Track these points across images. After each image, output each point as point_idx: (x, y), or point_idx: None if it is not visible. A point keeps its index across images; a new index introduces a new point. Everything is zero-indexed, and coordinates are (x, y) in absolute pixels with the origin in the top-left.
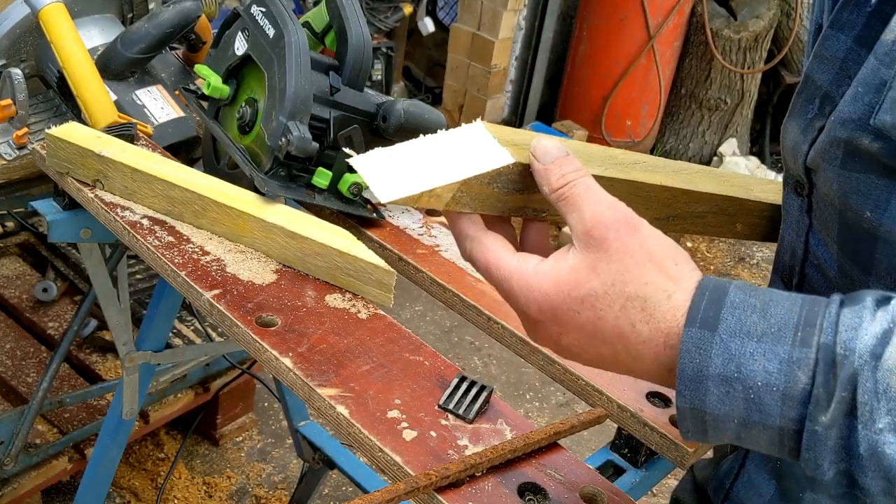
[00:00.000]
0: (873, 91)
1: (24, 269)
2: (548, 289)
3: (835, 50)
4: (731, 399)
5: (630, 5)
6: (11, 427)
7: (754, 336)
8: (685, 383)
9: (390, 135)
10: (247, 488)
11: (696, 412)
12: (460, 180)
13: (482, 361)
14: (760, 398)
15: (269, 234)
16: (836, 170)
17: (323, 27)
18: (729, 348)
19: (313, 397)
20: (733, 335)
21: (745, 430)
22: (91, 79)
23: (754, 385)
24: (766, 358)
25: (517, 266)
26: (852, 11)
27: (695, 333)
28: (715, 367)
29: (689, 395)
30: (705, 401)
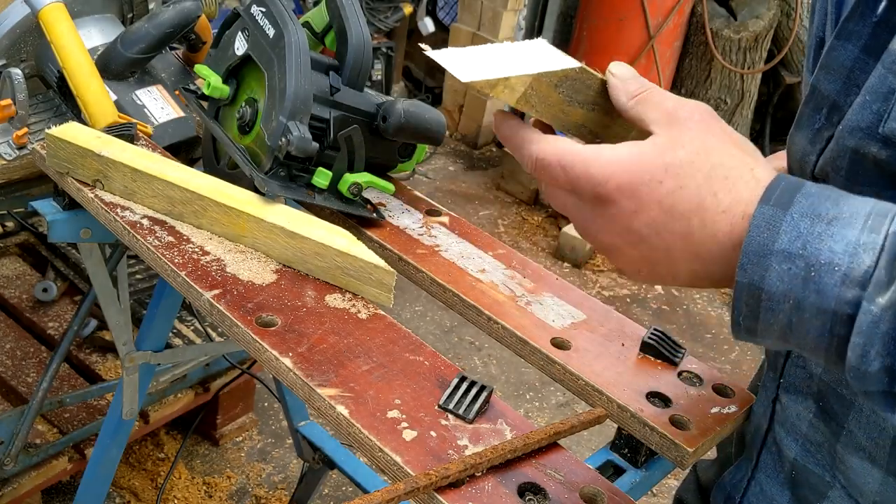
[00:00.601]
0: (881, 99)
1: (24, 269)
2: (629, 161)
3: (842, 60)
4: (790, 276)
5: (630, 5)
6: (11, 427)
7: (825, 219)
8: (749, 256)
9: (390, 135)
10: (247, 488)
11: (754, 289)
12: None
13: (482, 361)
14: (820, 277)
15: (269, 234)
16: (843, 180)
17: (323, 27)
18: (798, 227)
19: (313, 397)
20: (804, 216)
21: (796, 314)
22: (91, 79)
23: (816, 263)
24: (833, 239)
25: (593, 149)
26: (858, 22)
27: (767, 210)
28: (781, 243)
29: (750, 270)
30: (765, 277)
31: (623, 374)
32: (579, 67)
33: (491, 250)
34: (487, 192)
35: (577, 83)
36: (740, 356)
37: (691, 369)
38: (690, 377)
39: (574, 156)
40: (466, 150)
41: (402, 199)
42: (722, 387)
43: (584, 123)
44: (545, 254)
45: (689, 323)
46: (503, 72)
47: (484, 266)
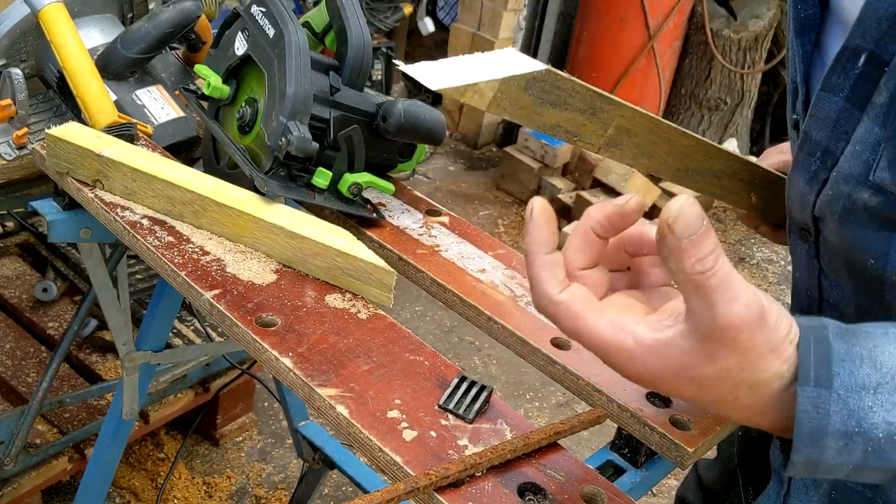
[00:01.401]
0: (870, 150)
1: (24, 269)
2: (653, 366)
3: (828, 110)
4: (848, 451)
5: (630, 5)
6: (11, 427)
7: (870, 388)
8: (802, 440)
9: (390, 135)
10: (247, 488)
11: (811, 463)
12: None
13: (482, 361)
14: (881, 447)
15: (269, 234)
16: (839, 221)
17: (323, 27)
18: (848, 404)
19: (313, 397)
20: (850, 391)
21: (857, 472)
22: (91, 79)
23: (875, 437)
24: (884, 409)
25: (612, 337)
26: (840, 76)
27: (811, 392)
28: (835, 425)
29: (805, 451)
30: (823, 455)
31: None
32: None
33: (491, 250)
34: (487, 192)
35: (545, 85)
36: None
37: None
38: None
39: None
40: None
41: (402, 199)
42: None
43: (558, 124)
44: None
45: None
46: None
47: (484, 266)
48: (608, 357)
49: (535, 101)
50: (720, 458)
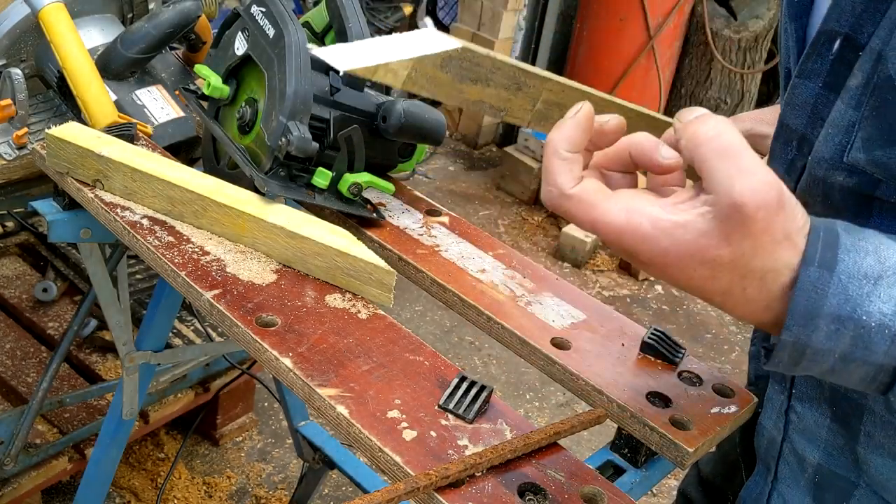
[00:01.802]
0: (843, 132)
1: (24, 269)
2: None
3: (805, 96)
4: (838, 336)
5: (630, 5)
6: (11, 427)
7: (871, 278)
8: (795, 319)
9: (390, 135)
10: (247, 488)
11: (799, 346)
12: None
13: (482, 361)
14: (870, 337)
15: (269, 234)
16: (821, 206)
17: (323, 27)
18: (847, 289)
19: (313, 397)
20: (851, 277)
21: (842, 363)
22: (91, 79)
23: (867, 325)
24: (881, 300)
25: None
26: (816, 61)
27: (813, 273)
28: (829, 307)
29: (796, 331)
30: (812, 337)
31: (623, 375)
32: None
33: (491, 250)
34: (487, 192)
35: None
36: (740, 356)
37: (691, 369)
38: (690, 377)
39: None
40: (466, 150)
41: (402, 199)
42: (722, 387)
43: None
44: (545, 254)
45: (689, 323)
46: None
47: (484, 266)
48: (622, 242)
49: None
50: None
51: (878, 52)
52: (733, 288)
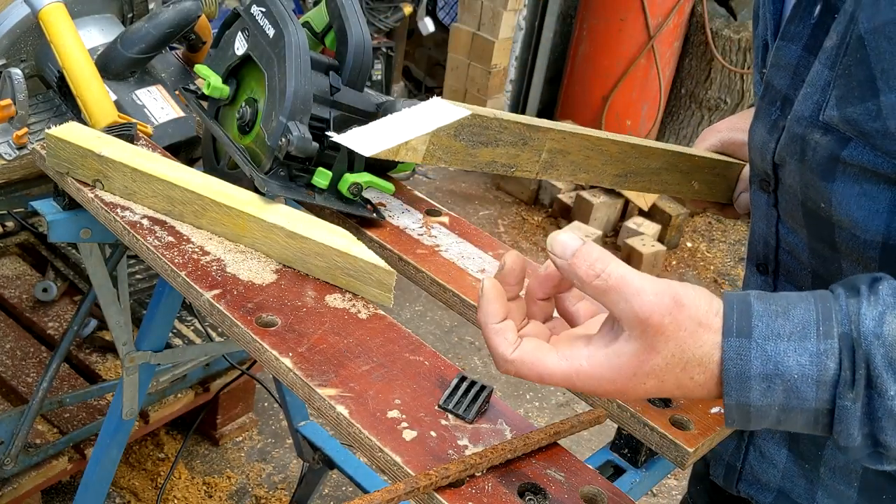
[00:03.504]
0: (819, 91)
1: (24, 269)
2: (613, 377)
3: (788, 58)
4: (771, 392)
5: (630, 5)
6: (11, 427)
7: (784, 336)
8: (731, 384)
9: None
10: (247, 488)
11: (742, 407)
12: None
13: (482, 361)
14: (798, 388)
15: (269, 234)
16: (797, 164)
17: (323, 27)
18: (765, 350)
19: (313, 397)
20: (767, 339)
21: (784, 414)
22: (91, 79)
23: (791, 378)
24: (797, 353)
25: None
26: (798, 24)
27: (734, 342)
28: (756, 368)
29: (734, 395)
30: (749, 397)
31: None
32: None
33: (491, 250)
34: (487, 192)
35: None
36: None
37: None
38: None
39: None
40: None
41: (402, 199)
42: None
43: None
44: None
45: None
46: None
47: (484, 266)
48: (574, 385)
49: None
50: None
51: (850, 14)
52: (683, 381)
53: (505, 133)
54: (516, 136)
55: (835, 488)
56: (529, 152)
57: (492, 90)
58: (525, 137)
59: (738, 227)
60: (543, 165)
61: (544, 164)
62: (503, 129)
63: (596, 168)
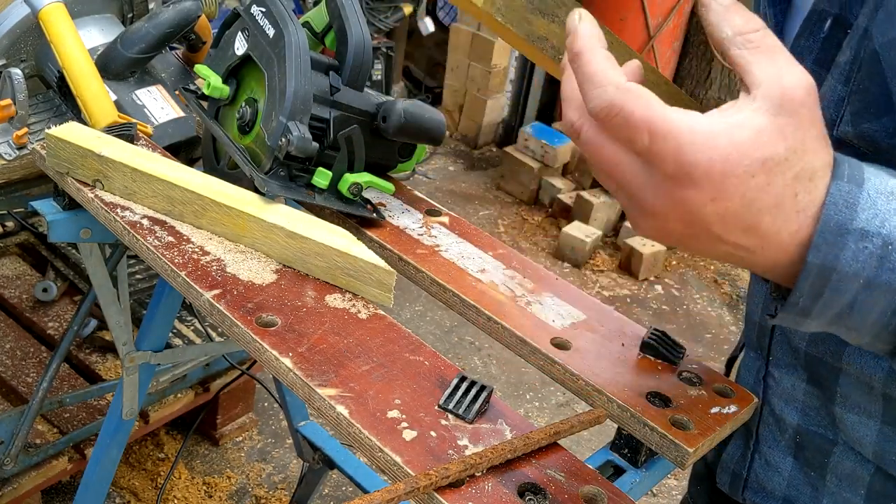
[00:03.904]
0: (833, 106)
1: (24, 269)
2: (727, 147)
3: None
4: (866, 255)
5: (630, 5)
6: (11, 427)
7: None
8: (825, 236)
9: (390, 135)
10: (247, 488)
11: (825, 270)
12: None
13: (482, 361)
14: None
15: (269, 234)
16: None
17: (323, 27)
18: (876, 203)
19: (313, 397)
20: (879, 193)
21: (865, 292)
22: (91, 79)
23: (893, 241)
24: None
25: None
26: (808, 39)
27: (843, 187)
28: (859, 221)
29: (825, 249)
30: (839, 256)
31: (623, 374)
32: None
33: (491, 250)
34: (487, 192)
35: None
36: None
37: (691, 369)
38: (690, 377)
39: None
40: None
41: (402, 199)
42: (722, 387)
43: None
44: (545, 254)
45: (689, 323)
46: None
47: (484, 266)
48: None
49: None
50: None
51: (864, 29)
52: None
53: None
54: None
55: (841, 496)
56: None
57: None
58: None
59: None
60: None
61: None
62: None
63: None
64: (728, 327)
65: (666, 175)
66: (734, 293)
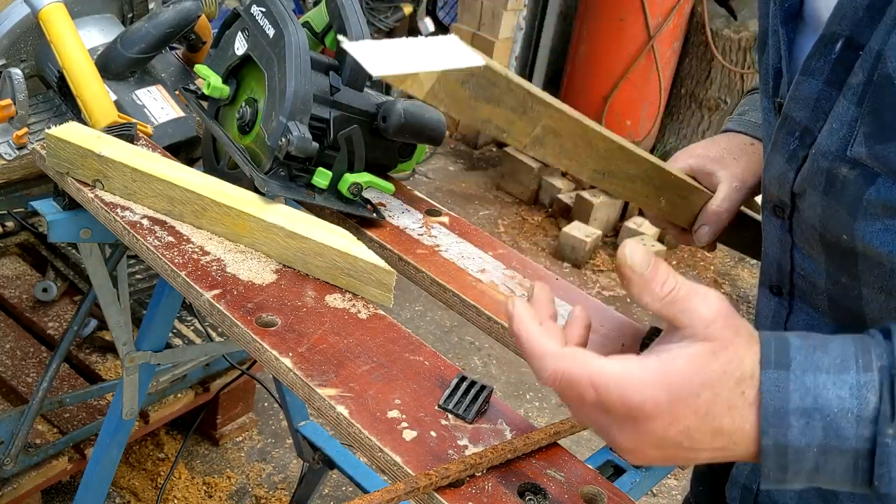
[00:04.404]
0: (847, 127)
1: (24, 269)
2: (666, 381)
3: (808, 92)
4: (810, 429)
5: (630, 5)
6: (11, 427)
7: (823, 369)
8: (769, 420)
9: (390, 135)
10: (247, 488)
11: (779, 447)
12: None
13: (482, 361)
14: (837, 423)
15: (269, 234)
16: (819, 196)
17: (323, 27)
18: (804, 382)
19: (313, 397)
20: (805, 370)
21: (822, 457)
22: (91, 79)
23: (831, 412)
24: (837, 386)
25: (623, 367)
26: (819, 60)
27: (772, 374)
28: (794, 402)
29: (772, 432)
30: (787, 435)
31: None
32: (484, 65)
33: (491, 250)
34: (487, 192)
35: (482, 80)
36: None
37: None
38: None
39: (605, 376)
40: (466, 150)
41: (402, 199)
42: None
43: (490, 119)
44: (545, 254)
45: None
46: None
47: (484, 266)
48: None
49: (471, 96)
50: None
51: (877, 52)
52: (735, 398)
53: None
54: (518, 102)
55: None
56: (525, 123)
57: None
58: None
59: None
60: (533, 140)
61: (535, 138)
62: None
63: (580, 158)
64: None
65: (622, 418)
66: (734, 293)
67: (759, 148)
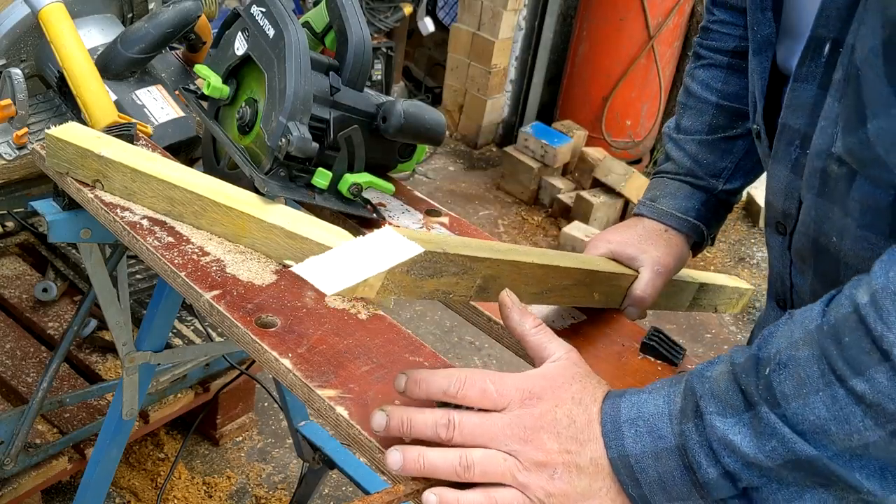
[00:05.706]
0: (832, 124)
1: (24, 269)
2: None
3: (804, 98)
4: (640, 436)
5: (630, 5)
6: (11, 427)
7: (646, 392)
8: (608, 436)
9: (390, 135)
10: (247, 488)
11: (623, 459)
12: (386, 270)
13: (482, 361)
14: (656, 425)
15: (269, 235)
16: (814, 198)
17: (323, 27)
18: (631, 400)
19: (313, 398)
20: (633, 394)
21: (658, 463)
22: (91, 79)
23: (651, 416)
24: (654, 399)
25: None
26: (810, 65)
27: (609, 400)
28: (624, 415)
29: (613, 445)
30: (625, 444)
31: (623, 375)
32: (423, 252)
33: None
34: (487, 192)
35: (424, 263)
36: None
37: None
38: None
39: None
40: (466, 150)
41: (402, 199)
42: None
43: (436, 289)
44: None
45: (689, 323)
46: (361, 275)
47: None
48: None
49: (416, 278)
50: None
51: (851, 46)
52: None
53: (450, 265)
54: (459, 267)
55: None
56: (467, 280)
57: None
58: (466, 268)
59: (738, 227)
60: (477, 290)
61: (478, 288)
62: (449, 262)
63: (519, 289)
64: (728, 327)
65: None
66: None
67: (673, 235)
